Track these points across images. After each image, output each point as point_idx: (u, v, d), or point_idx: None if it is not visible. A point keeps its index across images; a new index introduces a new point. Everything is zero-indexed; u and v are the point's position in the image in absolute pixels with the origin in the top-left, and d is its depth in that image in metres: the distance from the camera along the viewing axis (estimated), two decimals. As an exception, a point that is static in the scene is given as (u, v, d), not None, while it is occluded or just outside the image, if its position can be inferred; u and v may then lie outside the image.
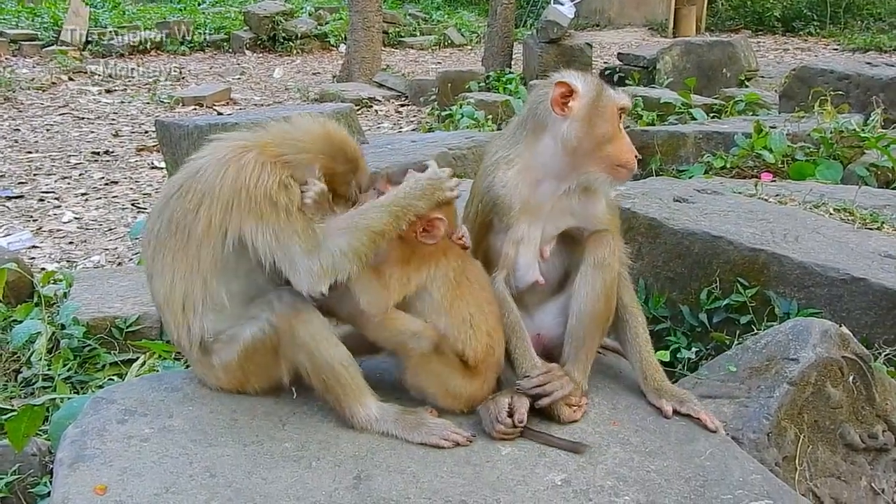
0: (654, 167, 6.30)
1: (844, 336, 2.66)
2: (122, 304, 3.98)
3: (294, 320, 2.22)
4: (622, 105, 2.45)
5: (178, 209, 2.27)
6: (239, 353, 2.29)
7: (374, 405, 2.28)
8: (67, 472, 2.07)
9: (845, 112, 6.33)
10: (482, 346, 2.32)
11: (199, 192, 2.24)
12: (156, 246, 2.32)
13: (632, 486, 2.13)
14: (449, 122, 9.55)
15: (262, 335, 2.25)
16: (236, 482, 2.04)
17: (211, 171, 2.25)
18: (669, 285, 3.53)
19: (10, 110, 11.44)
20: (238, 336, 2.29)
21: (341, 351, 2.26)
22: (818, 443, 2.54)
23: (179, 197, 2.27)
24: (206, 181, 2.24)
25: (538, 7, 19.81)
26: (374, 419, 2.27)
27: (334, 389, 2.26)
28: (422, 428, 2.27)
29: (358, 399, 2.27)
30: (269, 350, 2.27)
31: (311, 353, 2.23)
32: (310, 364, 2.25)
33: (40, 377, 3.59)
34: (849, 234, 3.62)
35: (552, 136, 2.44)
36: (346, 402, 2.26)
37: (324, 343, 2.24)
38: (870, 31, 18.34)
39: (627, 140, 2.45)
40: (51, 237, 6.69)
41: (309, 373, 2.26)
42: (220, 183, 2.21)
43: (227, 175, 2.22)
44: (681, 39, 13.51)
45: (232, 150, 2.28)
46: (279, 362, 2.30)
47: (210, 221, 2.21)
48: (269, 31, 17.05)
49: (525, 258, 2.48)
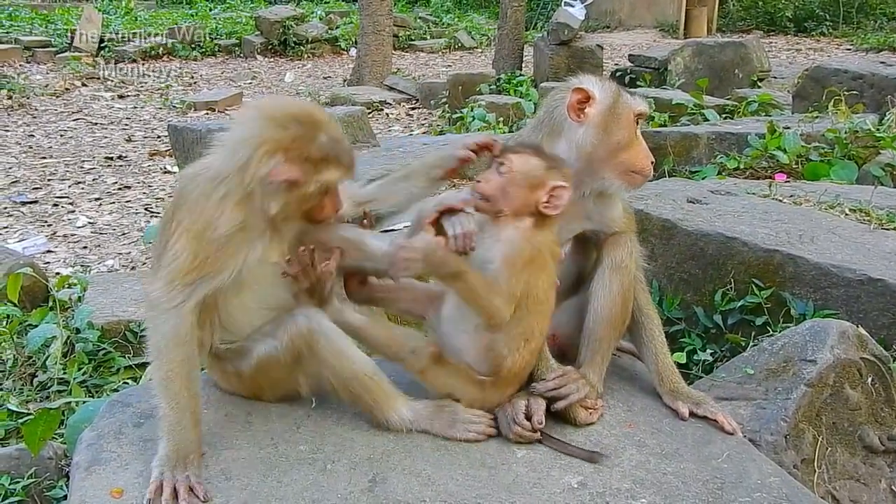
0: (667, 168, 6.27)
1: (862, 337, 2.64)
2: (137, 308, 3.99)
3: (312, 341, 2.20)
4: (639, 111, 2.44)
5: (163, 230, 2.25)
6: (252, 367, 2.29)
7: (405, 408, 2.27)
8: (84, 476, 2.08)
9: (860, 112, 6.28)
10: (524, 362, 2.30)
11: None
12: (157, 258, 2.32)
13: (648, 489, 2.12)
14: (460, 125, 9.55)
15: (276, 353, 2.24)
16: (252, 485, 2.04)
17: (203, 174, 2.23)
18: (683, 287, 3.51)
19: (24, 116, 11.52)
20: (250, 351, 2.28)
21: (365, 361, 2.25)
22: (837, 445, 2.52)
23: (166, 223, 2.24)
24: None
25: (548, 9, 19.80)
26: (409, 421, 2.27)
27: (364, 399, 2.25)
28: (458, 425, 2.26)
29: (390, 405, 2.26)
30: (284, 367, 2.26)
31: (334, 369, 2.22)
32: (335, 379, 2.24)
33: (56, 381, 3.61)
34: (865, 235, 3.59)
35: (567, 141, 2.43)
36: (377, 409, 2.26)
37: (346, 357, 2.22)
38: (883, 31, 18.19)
39: (644, 146, 2.43)
40: (65, 242, 6.73)
41: (335, 387, 2.25)
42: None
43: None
44: (692, 40, 13.43)
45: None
46: (295, 377, 2.29)
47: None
48: (280, 36, 17.11)
49: None
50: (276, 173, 2.11)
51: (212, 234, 2.10)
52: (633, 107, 2.43)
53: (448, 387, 2.29)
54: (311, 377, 2.29)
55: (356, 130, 6.67)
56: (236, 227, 2.13)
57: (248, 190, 2.13)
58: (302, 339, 2.20)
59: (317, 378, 2.28)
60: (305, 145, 2.15)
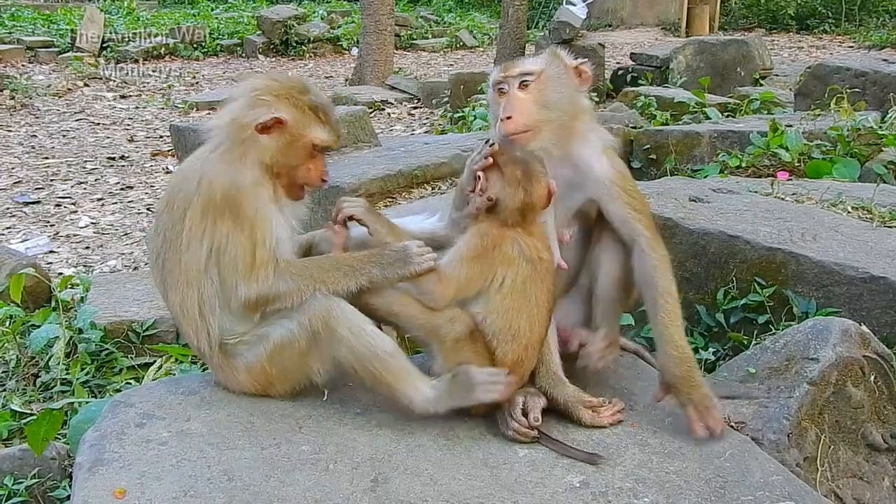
0: (669, 167, 6.26)
1: (865, 335, 2.63)
2: (139, 308, 4.00)
3: (331, 320, 2.21)
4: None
5: (168, 222, 2.31)
6: (267, 354, 2.30)
7: (426, 386, 2.27)
8: (87, 476, 2.08)
9: (862, 109, 6.27)
10: (514, 356, 2.30)
11: (181, 200, 2.29)
12: (161, 264, 2.34)
13: (651, 488, 2.11)
14: (462, 124, 9.53)
15: (292, 336, 2.25)
16: (254, 485, 2.04)
17: (185, 176, 2.35)
18: (685, 285, 3.50)
19: (27, 117, 11.53)
20: (267, 336, 2.29)
21: (384, 339, 2.25)
22: (840, 443, 2.51)
23: (169, 209, 2.32)
24: (185, 188, 2.31)
25: (550, 8, 19.79)
26: (432, 399, 2.26)
27: (385, 379, 2.24)
28: (476, 387, 2.24)
29: (411, 383, 2.26)
30: (300, 351, 2.27)
31: (352, 348, 2.22)
32: (354, 359, 2.23)
33: (58, 381, 3.61)
34: (867, 233, 3.58)
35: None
36: (399, 388, 2.25)
37: (364, 336, 2.23)
38: (886, 28, 18.15)
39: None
40: (68, 242, 6.74)
41: (355, 367, 2.25)
42: (196, 190, 2.28)
43: (203, 181, 2.29)
44: (694, 38, 13.41)
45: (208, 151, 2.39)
46: (309, 362, 2.29)
47: (193, 230, 2.25)
48: (282, 36, 17.12)
49: None
50: (266, 112, 2.23)
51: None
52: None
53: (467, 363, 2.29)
54: (326, 363, 2.29)
55: (358, 130, 6.67)
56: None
57: (242, 138, 2.25)
58: (320, 319, 2.21)
59: (332, 364, 2.28)
60: (296, 94, 2.29)
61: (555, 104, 2.41)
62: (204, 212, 2.23)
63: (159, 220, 2.36)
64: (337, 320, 2.21)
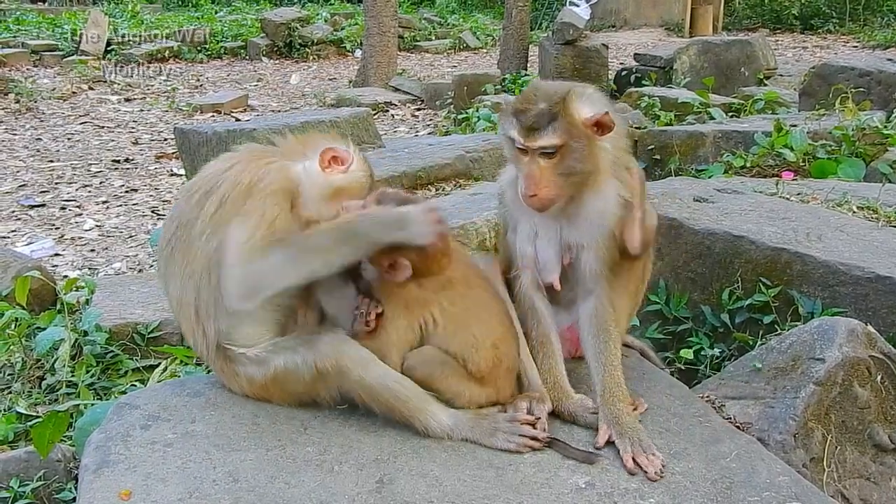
0: (673, 167, 6.25)
1: (871, 335, 2.62)
2: (144, 311, 4.00)
3: (341, 361, 2.20)
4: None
5: (185, 209, 2.30)
6: (268, 377, 2.29)
7: (443, 414, 2.25)
8: (92, 478, 2.08)
9: (867, 109, 6.26)
10: (488, 359, 2.30)
11: (203, 189, 2.28)
12: (168, 251, 2.34)
13: (656, 489, 2.11)
14: (465, 126, 9.53)
15: (296, 369, 2.24)
16: (259, 487, 2.04)
17: (213, 170, 2.32)
18: (690, 286, 3.50)
19: (31, 120, 11.57)
20: (268, 361, 2.28)
21: (388, 370, 2.23)
22: (846, 443, 2.50)
23: (187, 199, 2.31)
24: (209, 179, 2.30)
25: (553, 9, 19.78)
26: (450, 427, 2.24)
27: (398, 409, 2.23)
28: (498, 434, 2.24)
29: (426, 411, 2.24)
30: (304, 381, 2.25)
31: (362, 383, 2.21)
32: (364, 393, 2.23)
33: (64, 384, 3.61)
34: (873, 232, 3.57)
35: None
36: (414, 417, 2.23)
37: (371, 370, 2.21)
38: (890, 28, 18.12)
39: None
40: (73, 245, 6.75)
41: (366, 401, 2.24)
42: (221, 179, 2.27)
43: (230, 172, 2.27)
44: (698, 39, 13.38)
45: (242, 152, 2.37)
46: (314, 391, 2.28)
47: (208, 216, 2.24)
48: (286, 38, 17.15)
49: (543, 255, 2.46)
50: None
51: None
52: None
53: (450, 386, 2.29)
54: (332, 392, 2.27)
55: (361, 132, 6.66)
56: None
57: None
58: (331, 362, 2.20)
59: (339, 393, 2.27)
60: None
61: (577, 170, 2.33)
62: (222, 200, 2.23)
63: (176, 207, 2.37)
64: (349, 362, 2.19)
